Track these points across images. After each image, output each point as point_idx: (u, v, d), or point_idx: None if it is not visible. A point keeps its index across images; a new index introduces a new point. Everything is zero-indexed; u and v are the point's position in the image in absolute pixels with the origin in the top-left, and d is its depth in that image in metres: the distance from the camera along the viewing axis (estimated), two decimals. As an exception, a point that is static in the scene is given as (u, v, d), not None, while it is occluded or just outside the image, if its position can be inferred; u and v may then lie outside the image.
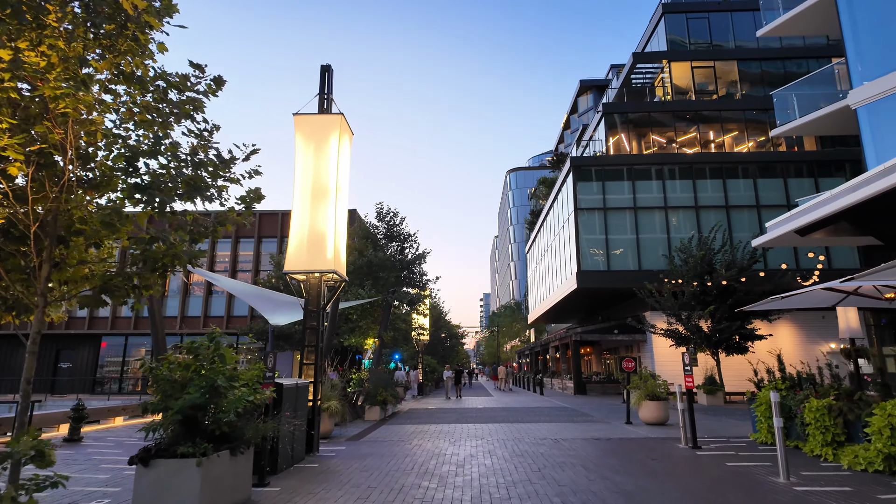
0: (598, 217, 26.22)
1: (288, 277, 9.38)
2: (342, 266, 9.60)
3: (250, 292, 16.38)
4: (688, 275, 21.63)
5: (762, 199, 26.00)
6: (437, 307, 49.39)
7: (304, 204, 9.26)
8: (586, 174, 26.75)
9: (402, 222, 22.23)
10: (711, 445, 9.29)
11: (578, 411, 16.75)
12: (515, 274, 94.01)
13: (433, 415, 16.33)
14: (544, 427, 12.44)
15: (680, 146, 28.03)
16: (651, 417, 12.56)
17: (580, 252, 25.75)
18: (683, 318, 21.60)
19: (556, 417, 14.80)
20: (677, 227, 25.88)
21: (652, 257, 25.62)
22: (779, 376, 10.37)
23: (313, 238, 9.11)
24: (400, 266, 21.53)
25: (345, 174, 9.97)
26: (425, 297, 22.32)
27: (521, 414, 16.06)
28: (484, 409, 18.13)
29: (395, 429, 12.55)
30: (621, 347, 32.87)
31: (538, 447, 9.31)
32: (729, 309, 20.51)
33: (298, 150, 9.54)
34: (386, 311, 21.02)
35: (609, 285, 25.51)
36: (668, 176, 26.53)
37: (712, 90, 28.56)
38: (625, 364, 13.24)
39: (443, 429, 12.42)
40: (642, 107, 28.20)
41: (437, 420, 14.63)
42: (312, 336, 9.18)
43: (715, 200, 26.22)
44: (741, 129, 27.92)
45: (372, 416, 14.72)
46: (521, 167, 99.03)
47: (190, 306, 27.55)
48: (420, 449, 9.26)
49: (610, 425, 12.69)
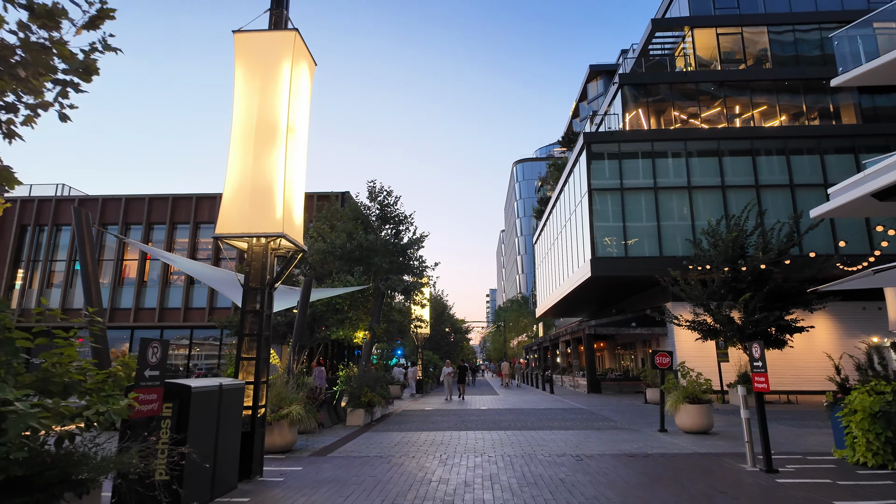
0: (614, 198, 23.83)
1: (222, 244, 7.11)
2: (297, 231, 7.32)
3: (218, 276, 14.13)
4: (717, 259, 19.24)
5: (796, 178, 23.49)
6: (441, 300, 47.15)
7: (244, 147, 6.99)
8: (601, 151, 24.33)
9: (396, 202, 19.93)
10: (789, 468, 6.95)
11: (597, 414, 14.42)
12: (522, 268, 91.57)
13: (429, 418, 14.06)
14: (560, 437, 10.14)
15: (704, 121, 25.54)
16: (692, 424, 10.22)
17: (594, 237, 23.38)
18: (713, 309, 19.22)
19: (572, 422, 12.49)
20: (702, 210, 23.43)
21: (674, 242, 23.22)
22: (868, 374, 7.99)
23: (257, 191, 6.84)
24: (394, 250, 19.25)
25: (301, 111, 7.68)
26: (423, 285, 20.03)
27: (530, 417, 13.76)
28: (488, 412, 15.85)
29: (379, 438, 10.30)
30: (638, 342, 30.47)
31: (556, 469, 7.02)
32: (765, 297, 18.12)
33: (239, 78, 7.26)
34: (378, 301, 18.75)
35: (626, 273, 23.12)
36: (692, 153, 24.07)
37: (739, 59, 26.00)
38: (658, 359, 10.90)
39: (436, 438, 10.15)
40: (663, 77, 25.69)
41: (431, 426, 12.36)
42: (254, 322, 6.92)
43: (744, 180, 23.74)
44: (772, 102, 25.36)
45: (354, 421, 12.48)
46: (528, 158, 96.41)
47: (170, 297, 25.39)
48: (399, 472, 6.99)
49: (641, 434, 10.36)
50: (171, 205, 26.04)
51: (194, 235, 25.91)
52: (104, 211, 26.33)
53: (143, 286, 25.76)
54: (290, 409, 8.66)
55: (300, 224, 7.53)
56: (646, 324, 24.61)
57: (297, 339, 10.97)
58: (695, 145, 24.12)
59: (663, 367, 10.82)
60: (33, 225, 26.49)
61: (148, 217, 26.11)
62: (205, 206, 26.14)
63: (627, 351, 33.59)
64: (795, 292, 18.44)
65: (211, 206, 26.09)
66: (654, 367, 10.87)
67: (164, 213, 26.12)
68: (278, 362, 11.45)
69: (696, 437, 9.77)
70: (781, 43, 25.82)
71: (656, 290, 25.47)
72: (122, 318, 25.21)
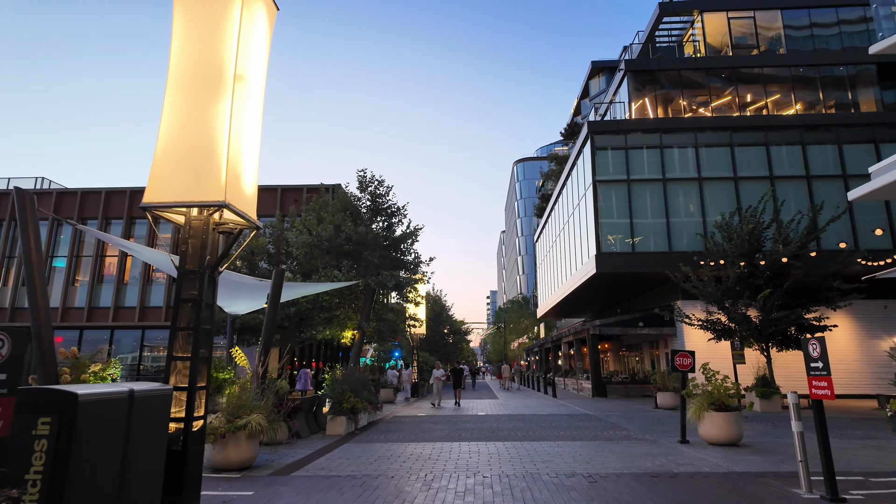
0: (619, 191, 22.52)
1: (150, 216, 5.78)
2: (247, 202, 5.95)
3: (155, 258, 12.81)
4: (733, 254, 17.94)
5: (813, 169, 22.18)
6: (439, 300, 45.79)
7: (181, 97, 5.63)
8: (606, 142, 23.03)
9: (388, 192, 18.61)
10: (856, 494, 5.61)
11: (606, 421, 13.08)
12: (523, 269, 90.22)
13: (420, 426, 12.72)
14: (567, 449, 8.80)
15: (714, 111, 24.24)
16: (718, 435, 8.88)
17: (599, 232, 22.07)
18: (727, 307, 17.92)
19: (579, 431, 11.15)
20: (713, 203, 22.10)
21: (684, 237, 21.90)
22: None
23: (194, 151, 5.48)
24: (386, 244, 17.92)
25: (255, 58, 6.34)
26: (417, 280, 18.70)
27: (532, 425, 12.43)
28: (486, 418, 14.50)
29: (358, 451, 8.97)
30: (645, 343, 29.12)
31: (565, 496, 5.69)
32: (785, 294, 16.81)
33: (178, 15, 5.93)
34: (369, 298, 17.44)
35: (633, 269, 21.79)
36: (703, 143, 22.76)
37: (752, 45, 24.70)
38: (679, 360, 9.55)
39: (424, 451, 8.82)
40: (672, 63, 24.38)
41: (422, 435, 11.03)
42: (191, 313, 5.58)
43: (757, 170, 22.44)
44: (786, 91, 24.05)
45: (335, 430, 11.14)
46: (529, 157, 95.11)
47: (152, 295, 24.01)
48: (370, 499, 5.66)
49: (660, 447, 9.02)
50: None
51: (178, 231, 24.58)
52: (83, 205, 25.01)
53: (123, 285, 24.43)
54: (248, 419, 7.34)
55: (252, 195, 6.18)
56: (654, 323, 23.28)
57: (267, 338, 9.64)
58: (705, 135, 22.83)
59: (684, 368, 9.48)
60: (7, 220, 25.20)
61: (129, 211, 24.81)
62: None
63: (633, 353, 32.23)
64: (817, 288, 17.13)
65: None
66: (673, 370, 9.53)
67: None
68: (245, 363, 10.14)
69: (724, 451, 8.43)
70: (796, 27, 24.53)
71: (664, 287, 24.14)
72: (100, 318, 23.88)
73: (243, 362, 10.19)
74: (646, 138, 22.95)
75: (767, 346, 17.65)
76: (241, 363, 10.19)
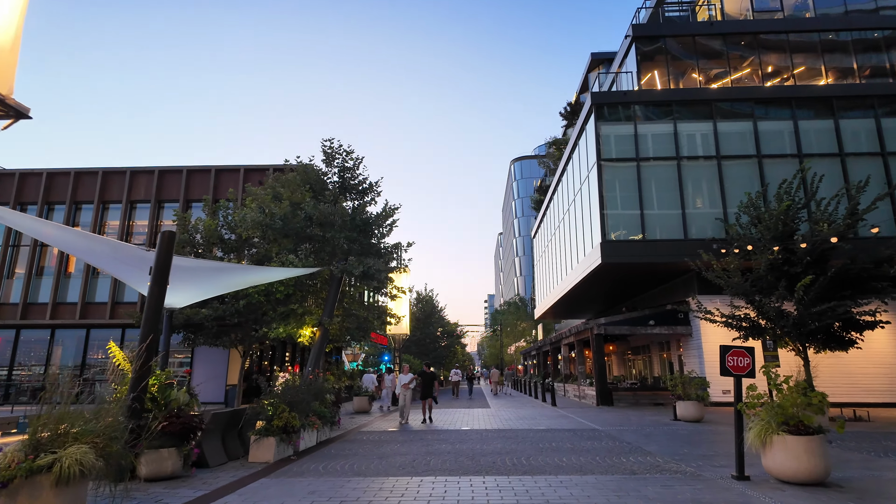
0: (627, 171, 19.81)
1: None
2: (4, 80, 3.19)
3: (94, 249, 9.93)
4: (765, 237, 15.21)
5: (847, 145, 19.50)
6: (432, 300, 42.93)
7: None
8: (612, 115, 20.33)
9: (358, 165, 15.82)
10: None
11: (621, 440, 10.25)
12: (520, 270, 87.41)
13: (380, 447, 9.88)
14: (577, 492, 5.99)
15: (734, 83, 21.56)
16: (796, 470, 6.06)
17: (604, 217, 19.34)
18: (758, 300, 15.17)
19: (590, 457, 8.32)
20: (734, 184, 19.40)
21: (701, 222, 19.20)
22: None
23: None
24: (353, 225, 15.09)
25: None
26: (392, 269, 15.83)
27: (527, 446, 9.59)
28: (468, 434, 11.64)
29: (272, 494, 6.14)
30: (654, 344, 26.34)
31: None
32: (829, 282, 14.09)
33: None
34: (333, 289, 14.61)
35: (643, 259, 19.04)
36: (722, 117, 20.08)
37: (775, 7, 22.04)
38: (731, 361, 6.73)
39: (366, 496, 6.00)
40: (685, 28, 21.70)
41: (375, 464, 8.19)
42: None
43: (783, 147, 19.78)
44: (815, 58, 21.39)
45: (260, 456, 8.28)
46: (527, 156, 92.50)
47: (70, 291, 21.12)
48: None
49: (708, 486, 6.20)
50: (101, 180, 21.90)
51: (127, 216, 21.74)
52: (21, 188, 22.15)
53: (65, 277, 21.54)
54: (63, 454, 4.51)
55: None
56: (666, 321, 20.52)
57: (147, 329, 6.81)
58: (724, 108, 20.14)
59: (739, 372, 6.66)
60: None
61: (73, 195, 21.96)
62: (140, 182, 21.98)
63: (639, 356, 29.43)
64: (866, 276, 14.38)
65: (147, 181, 21.94)
66: (726, 373, 6.71)
67: (93, 190, 21.97)
68: (126, 364, 7.28)
69: (811, 496, 5.62)
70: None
71: (677, 281, 21.40)
72: (37, 315, 20.99)
73: (125, 364, 7.36)
74: (657, 111, 20.27)
75: (805, 345, 14.87)
76: (122, 364, 7.37)
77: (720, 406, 17.84)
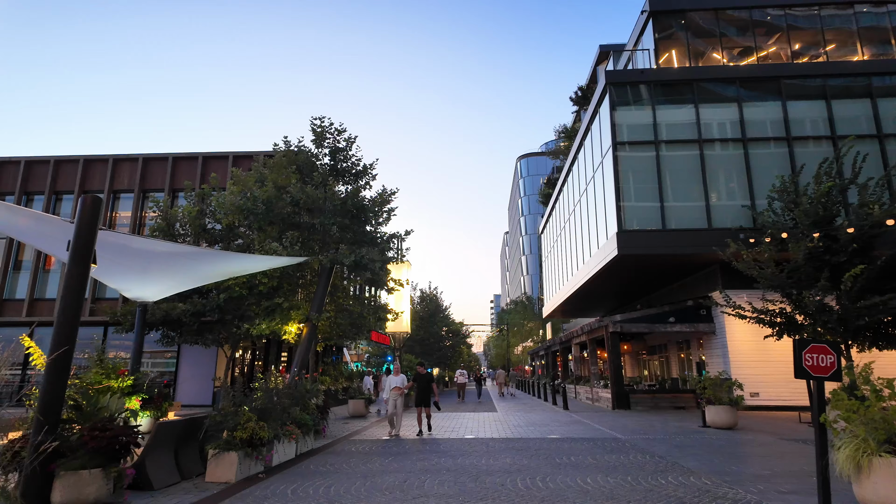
0: (645, 156, 18.30)
1: None
2: None
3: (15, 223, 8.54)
4: (803, 222, 13.68)
5: (885, 126, 17.88)
6: (436, 298, 41.44)
7: None
8: (629, 95, 18.82)
9: (351, 146, 14.39)
10: None
11: (651, 452, 8.74)
12: (527, 269, 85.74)
13: (369, 462, 8.42)
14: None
15: (760, 60, 19.98)
16: (904, 505, 4.57)
17: (621, 206, 17.84)
18: (794, 295, 13.65)
19: (618, 478, 6.83)
20: (762, 169, 17.85)
21: (726, 210, 17.68)
22: None
23: None
24: (345, 210, 13.64)
25: None
26: (388, 260, 14.35)
27: (541, 461, 8.11)
28: (474, 444, 10.16)
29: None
30: (672, 344, 24.75)
31: None
32: (880, 272, 12.58)
33: None
34: (323, 281, 13.19)
35: (664, 251, 17.51)
36: (748, 96, 18.52)
37: (806, -22, 20.43)
38: (808, 359, 5.20)
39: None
40: (708, 0, 20.11)
41: (358, 484, 6.74)
42: None
43: (815, 128, 18.22)
44: (846, 35, 19.79)
45: (220, 475, 6.83)
46: (533, 153, 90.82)
47: (48, 286, 19.82)
48: None
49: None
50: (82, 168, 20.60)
51: (110, 207, 20.41)
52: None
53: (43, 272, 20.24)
54: None
55: None
56: (687, 319, 18.97)
57: (64, 321, 5.39)
58: (750, 87, 18.58)
59: (821, 374, 5.14)
60: None
61: (53, 184, 20.67)
62: (124, 170, 20.66)
63: (655, 355, 27.82)
64: (922, 266, 12.83)
65: (131, 169, 20.62)
66: (801, 376, 5.20)
67: (73, 179, 20.66)
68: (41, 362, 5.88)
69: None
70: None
71: (699, 276, 19.84)
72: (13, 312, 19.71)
73: (39, 361, 5.96)
74: (677, 91, 18.73)
75: (848, 344, 13.30)
76: (37, 362, 5.98)
77: (751, 410, 16.32)
